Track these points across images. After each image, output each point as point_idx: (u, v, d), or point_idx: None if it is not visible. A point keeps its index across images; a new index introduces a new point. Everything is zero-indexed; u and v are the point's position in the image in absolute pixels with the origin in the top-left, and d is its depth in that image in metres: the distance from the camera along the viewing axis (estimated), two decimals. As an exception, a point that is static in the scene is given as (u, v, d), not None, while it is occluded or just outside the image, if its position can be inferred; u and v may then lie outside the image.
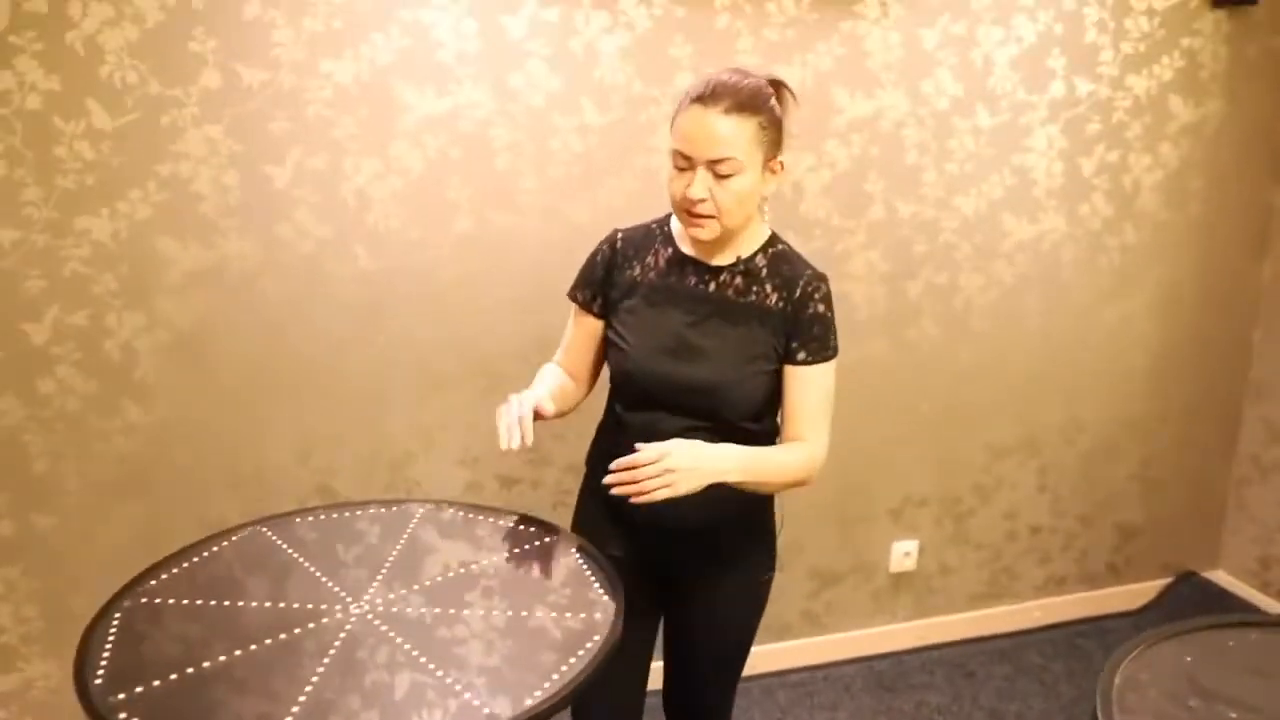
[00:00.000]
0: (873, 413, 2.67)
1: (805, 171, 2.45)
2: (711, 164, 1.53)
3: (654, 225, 1.76)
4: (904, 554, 2.82)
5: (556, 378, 1.76)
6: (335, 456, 2.32)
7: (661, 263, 1.70)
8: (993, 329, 2.73)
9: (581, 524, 1.83)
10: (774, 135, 1.59)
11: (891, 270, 2.59)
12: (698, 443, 1.54)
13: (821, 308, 1.65)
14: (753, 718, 2.55)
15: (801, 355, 1.63)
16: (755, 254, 1.68)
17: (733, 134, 1.53)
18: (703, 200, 1.55)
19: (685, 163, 1.56)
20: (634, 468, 1.47)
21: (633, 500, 1.46)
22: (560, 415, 1.70)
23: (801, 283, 1.64)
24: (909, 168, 2.53)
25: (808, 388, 1.65)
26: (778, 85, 1.63)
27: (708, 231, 1.58)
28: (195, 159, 2.08)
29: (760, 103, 1.56)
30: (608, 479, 1.48)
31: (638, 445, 1.50)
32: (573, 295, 1.78)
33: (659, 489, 1.46)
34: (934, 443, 2.76)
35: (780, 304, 1.63)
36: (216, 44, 2.04)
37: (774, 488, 1.69)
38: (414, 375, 2.33)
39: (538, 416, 1.60)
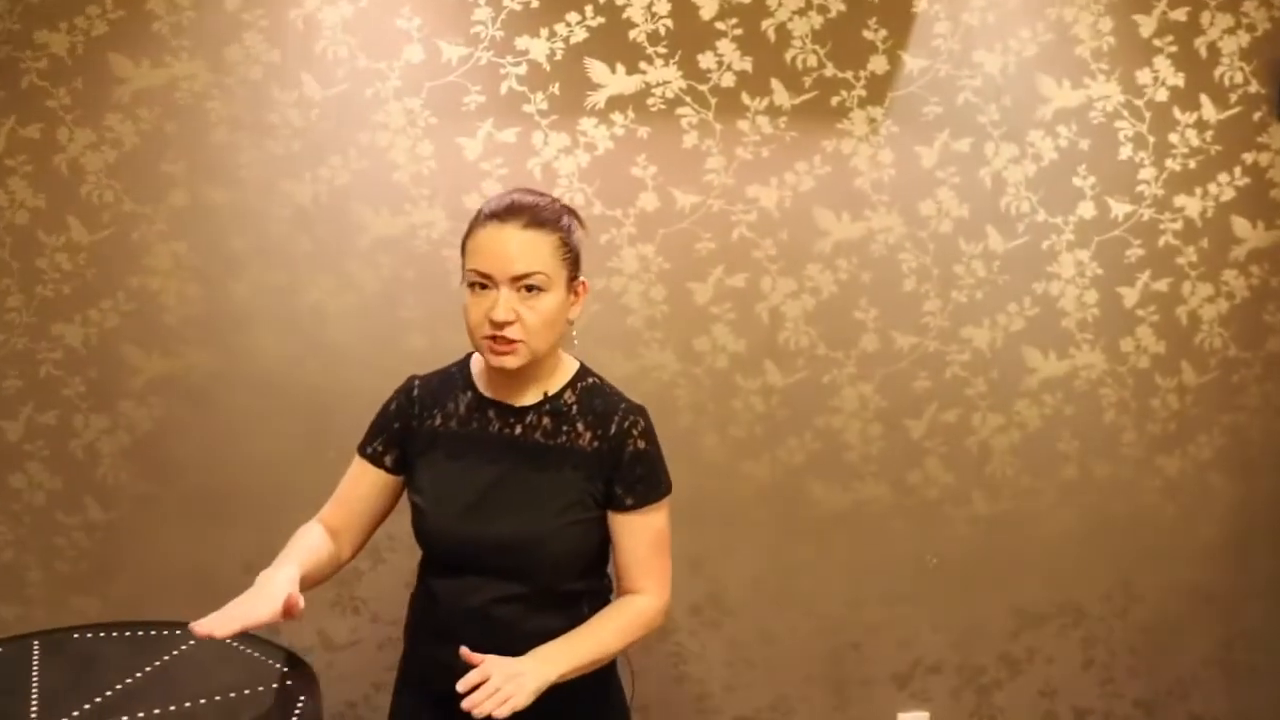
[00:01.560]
0: (870, 564, 2.45)
1: (784, 298, 2.34)
2: (516, 281, 1.46)
3: (453, 369, 1.66)
4: (910, 727, 2.53)
5: (310, 549, 1.55)
6: (286, 568, 2.36)
7: (462, 409, 1.59)
8: (1017, 475, 2.46)
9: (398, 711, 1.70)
10: (573, 255, 1.54)
11: (890, 406, 2.40)
12: (507, 659, 1.38)
13: (643, 444, 1.54)
14: None
15: (629, 501, 1.52)
16: (564, 390, 1.57)
17: (536, 246, 1.48)
18: (510, 322, 1.45)
19: (486, 282, 1.48)
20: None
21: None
22: (313, 585, 1.52)
23: (616, 419, 1.53)
24: (906, 295, 2.37)
25: (639, 535, 1.53)
26: (570, 211, 1.59)
27: (515, 359, 1.47)
28: (162, 273, 2.23)
29: (557, 219, 1.52)
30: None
31: (461, 650, 1.37)
32: (361, 449, 1.65)
33: (502, 704, 1.30)
34: (947, 602, 2.49)
35: (595, 444, 1.53)
36: (186, 166, 2.21)
37: (616, 654, 1.55)
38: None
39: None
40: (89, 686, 1.22)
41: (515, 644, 1.43)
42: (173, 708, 1.20)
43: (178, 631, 1.41)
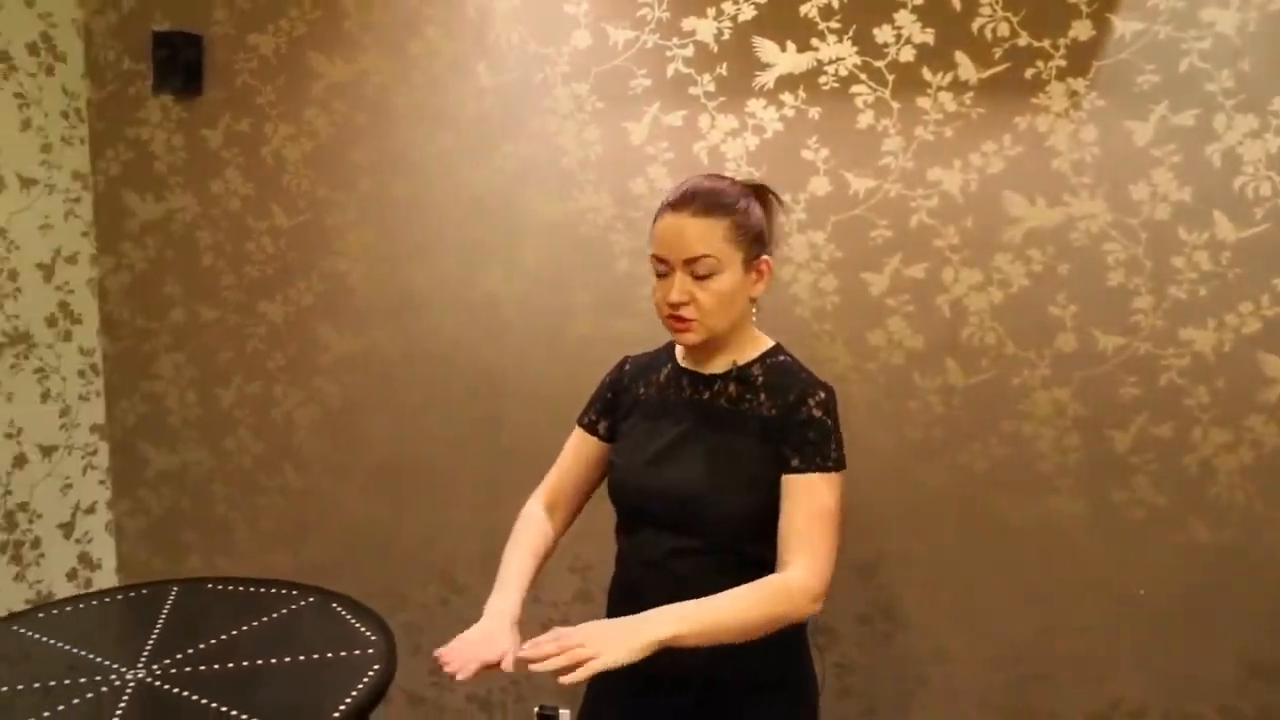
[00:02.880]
0: (1061, 588, 2.22)
1: (968, 290, 2.16)
2: (688, 264, 1.54)
3: (662, 349, 1.77)
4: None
5: (534, 553, 1.69)
6: (457, 546, 2.48)
7: (662, 378, 1.70)
8: (1249, 502, 2.14)
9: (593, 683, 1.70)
10: (752, 235, 1.57)
11: (1090, 415, 2.16)
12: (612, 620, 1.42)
13: (818, 413, 1.54)
14: None
15: (795, 462, 1.51)
16: (752, 363, 1.62)
17: (706, 232, 1.53)
18: (684, 303, 1.54)
19: (664, 267, 1.57)
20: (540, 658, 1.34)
21: (562, 680, 1.33)
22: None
23: (798, 389, 1.57)
24: (1112, 290, 2.12)
25: (800, 501, 1.49)
26: (760, 190, 1.64)
27: (693, 335, 1.57)
28: (350, 257, 2.40)
29: (730, 203, 1.56)
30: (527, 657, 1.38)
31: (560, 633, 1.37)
32: (580, 419, 1.79)
33: (578, 663, 1.31)
34: (1154, 639, 2.21)
35: (773, 410, 1.56)
36: (374, 157, 2.36)
37: (739, 633, 1.46)
38: (531, 472, 2.41)
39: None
40: (200, 633, 1.34)
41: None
42: (260, 661, 1.29)
43: (293, 592, 1.52)
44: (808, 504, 1.51)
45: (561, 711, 2.48)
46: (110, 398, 2.59)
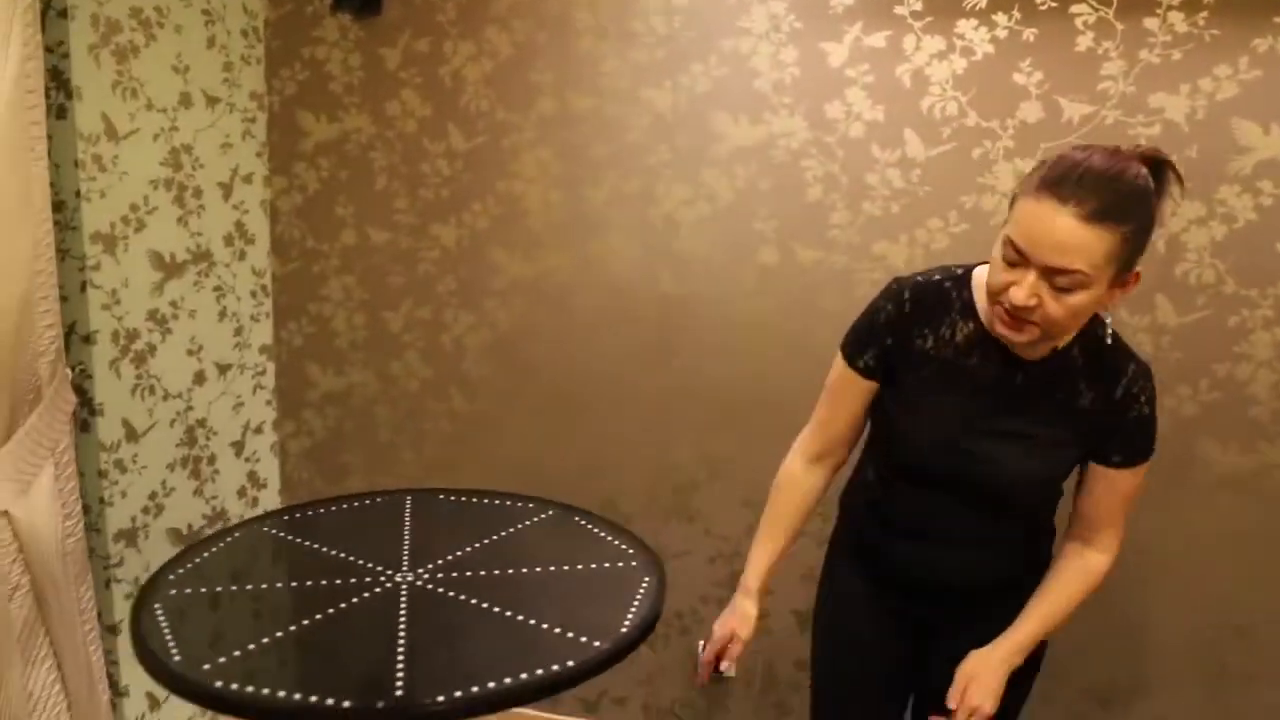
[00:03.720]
0: (1273, 539, 2.12)
1: (1188, 224, 2.05)
2: (1049, 271, 1.31)
3: (948, 285, 1.54)
4: (1304, 735, 2.19)
5: (790, 532, 1.68)
6: (623, 473, 2.45)
7: (960, 338, 1.51)
8: None
9: (832, 584, 1.78)
10: (1140, 243, 1.33)
11: (1313, 357, 2.04)
12: (984, 657, 1.53)
13: (1147, 410, 1.47)
14: None
15: (1116, 459, 1.48)
16: (1072, 344, 1.48)
17: (1087, 245, 1.28)
18: (1029, 308, 1.34)
19: (1018, 258, 1.33)
20: None
21: None
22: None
23: (1124, 382, 1.46)
24: (1347, 225, 1.99)
25: (1115, 489, 1.50)
26: (1161, 167, 1.36)
27: (1024, 338, 1.38)
28: (526, 179, 2.37)
29: (1134, 207, 1.30)
30: None
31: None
32: (851, 359, 1.59)
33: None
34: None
35: (1096, 404, 1.46)
36: (554, 76, 2.31)
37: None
38: (703, 404, 2.38)
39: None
40: (451, 541, 1.34)
41: (964, 547, 1.57)
42: (524, 570, 1.27)
43: (530, 505, 1.51)
44: (1120, 490, 1.52)
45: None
46: (278, 319, 2.61)
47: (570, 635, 1.13)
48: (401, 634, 1.07)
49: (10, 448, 1.81)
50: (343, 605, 1.15)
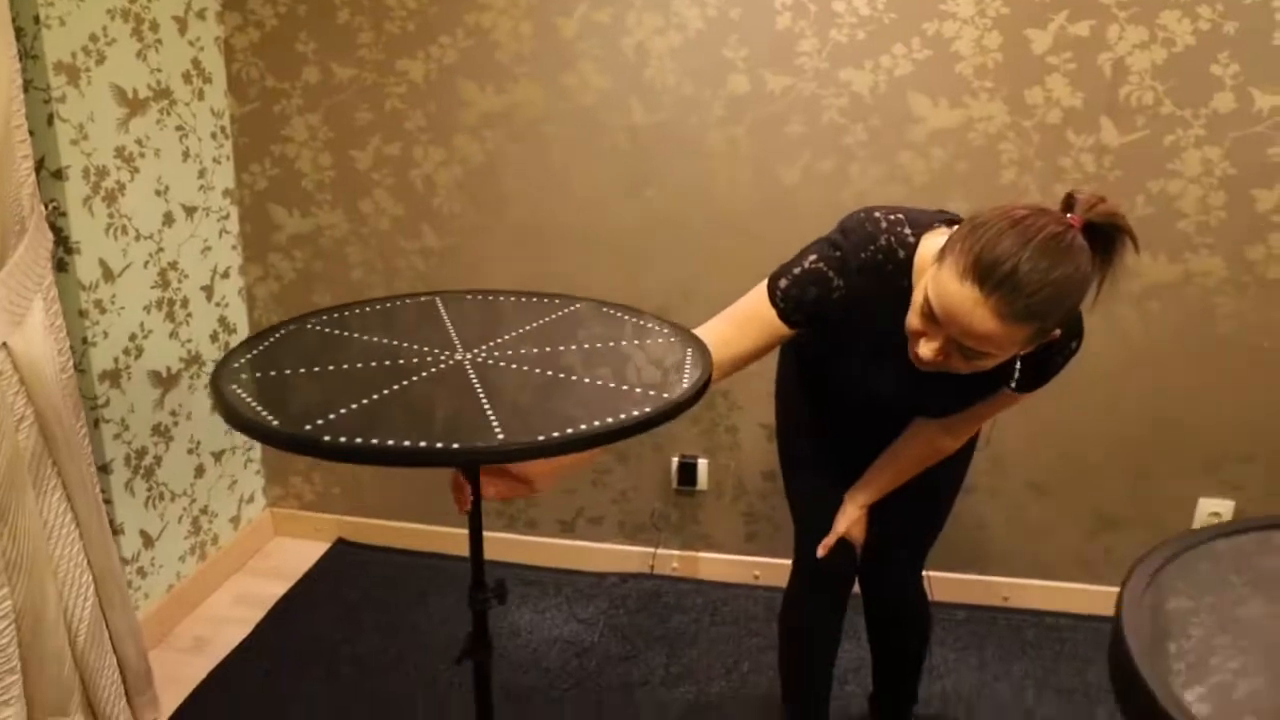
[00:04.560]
0: (1195, 345, 2.35)
1: (1130, 49, 2.18)
2: (962, 343, 1.29)
3: (890, 269, 1.44)
4: (1210, 514, 2.47)
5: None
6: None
7: (895, 322, 1.41)
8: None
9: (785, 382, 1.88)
10: (1064, 322, 1.31)
11: (1239, 175, 2.23)
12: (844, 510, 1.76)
13: (1060, 361, 1.49)
14: (984, 650, 2.43)
15: (1014, 384, 1.51)
16: None
17: (1005, 337, 1.25)
18: (935, 363, 1.34)
19: (932, 322, 1.30)
20: None
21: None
22: None
23: (1057, 346, 1.44)
24: (1276, 49, 2.15)
25: (995, 402, 1.58)
26: (1111, 234, 1.28)
27: (933, 370, 1.37)
28: (496, 10, 2.35)
29: (1061, 305, 1.24)
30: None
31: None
32: (783, 314, 1.50)
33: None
34: (1276, 390, 2.37)
35: (1026, 358, 1.46)
36: (522, -100, 2.28)
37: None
38: (674, 231, 2.46)
39: None
40: (497, 328, 1.41)
41: (902, 423, 1.72)
42: (574, 346, 1.36)
43: (556, 300, 1.58)
44: (1001, 403, 1.59)
45: (700, 461, 2.62)
46: (239, 161, 2.57)
47: (639, 390, 1.20)
48: (482, 395, 1.14)
49: (2, 278, 1.80)
50: (415, 378, 1.20)
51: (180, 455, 2.49)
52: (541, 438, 1.02)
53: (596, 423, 1.05)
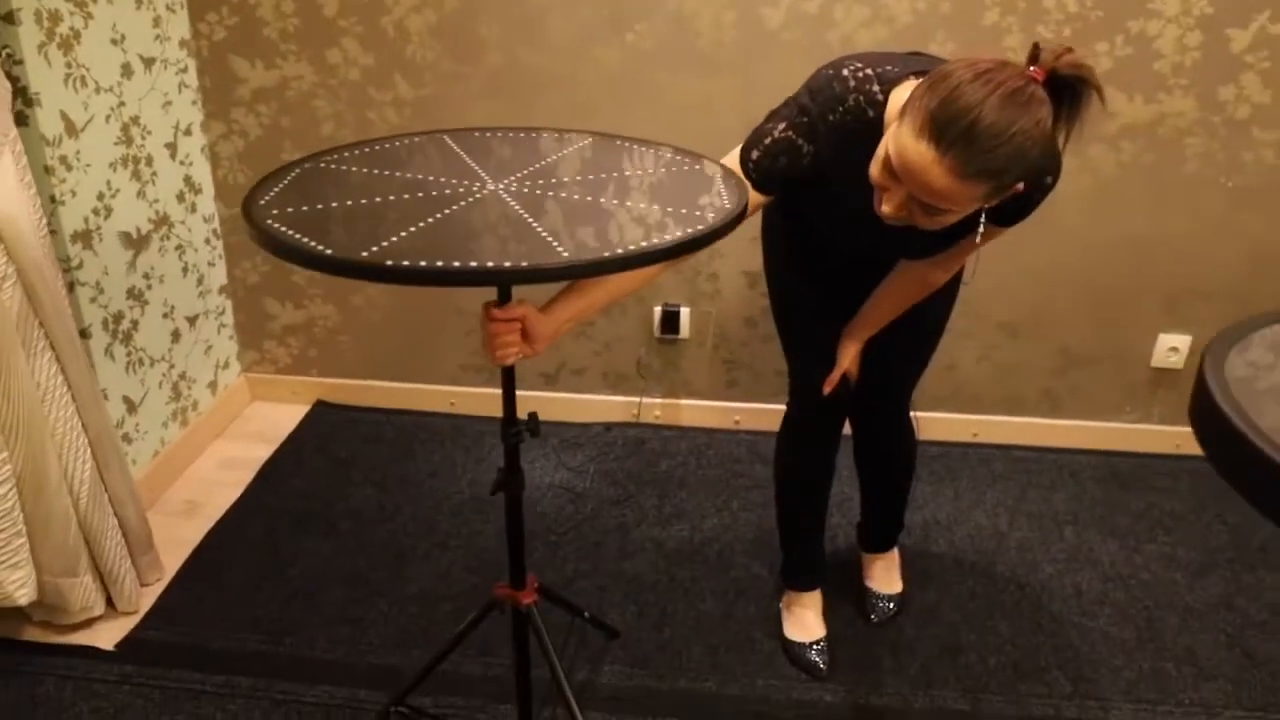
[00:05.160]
0: (1162, 185, 2.42)
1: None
2: (922, 200, 1.30)
3: (858, 129, 1.42)
4: (1170, 349, 2.59)
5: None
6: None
7: (865, 158, 1.39)
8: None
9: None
10: (1025, 178, 1.29)
11: (1215, 15, 2.25)
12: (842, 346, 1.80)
13: (1038, 198, 1.48)
14: (959, 481, 2.56)
15: (994, 218, 1.48)
16: None
17: (962, 194, 1.26)
18: (897, 218, 1.36)
19: (891, 180, 1.31)
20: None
21: None
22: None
23: (1033, 184, 1.42)
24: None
25: (979, 237, 1.52)
26: (1074, 85, 1.24)
27: (892, 221, 1.38)
28: None
29: (1020, 163, 1.23)
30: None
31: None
32: (757, 184, 1.50)
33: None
34: (1236, 228, 2.46)
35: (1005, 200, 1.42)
36: None
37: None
38: (655, 76, 2.41)
39: None
40: (518, 162, 1.38)
41: (888, 266, 1.73)
42: (603, 175, 1.34)
43: (570, 134, 1.56)
44: (986, 236, 1.50)
45: (682, 309, 2.64)
46: (194, 10, 2.42)
47: (684, 211, 1.20)
48: (531, 220, 1.13)
49: (-32, 130, 1.70)
50: (454, 208, 1.17)
51: (156, 320, 2.43)
52: (607, 254, 1.02)
53: (656, 239, 1.05)
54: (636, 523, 2.39)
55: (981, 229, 1.45)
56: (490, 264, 1.00)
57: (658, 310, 2.64)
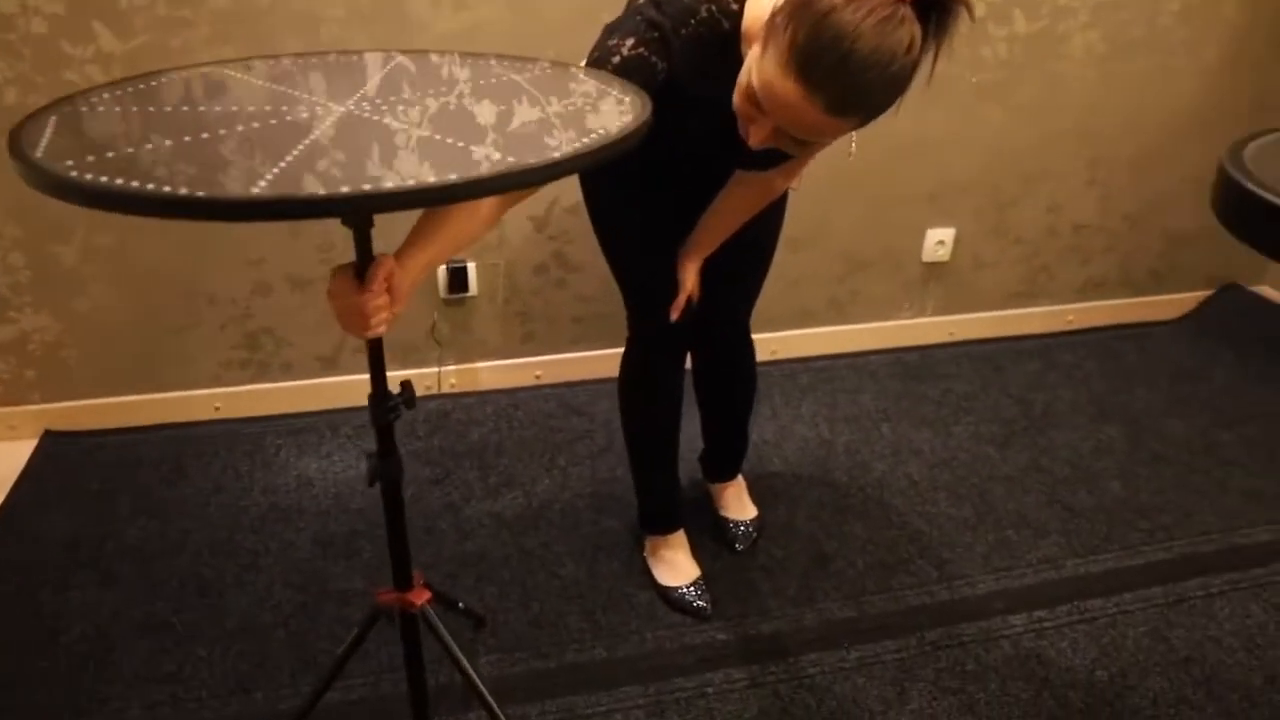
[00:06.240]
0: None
1: None
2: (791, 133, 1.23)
3: (713, 51, 1.35)
4: (938, 242, 2.73)
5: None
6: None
7: (720, 91, 1.31)
8: (1057, 9, 2.51)
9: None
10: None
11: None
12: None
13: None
14: (773, 399, 2.56)
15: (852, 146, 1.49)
16: None
17: (832, 128, 1.19)
18: (763, 145, 1.27)
19: (757, 111, 1.22)
20: None
21: None
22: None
23: None
24: None
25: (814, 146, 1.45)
26: (947, 5, 1.13)
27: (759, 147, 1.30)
28: None
29: (892, 93, 1.15)
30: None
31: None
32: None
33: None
34: (980, 121, 2.61)
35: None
36: None
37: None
38: (402, 2, 2.17)
39: None
40: (344, 85, 1.12)
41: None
42: (455, 92, 1.12)
43: (378, 54, 1.30)
44: (825, 145, 1.40)
45: (469, 264, 2.42)
46: None
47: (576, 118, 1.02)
48: (412, 140, 0.89)
49: None
50: (316, 134, 0.91)
51: None
52: (534, 160, 0.83)
53: (568, 148, 0.88)
54: (465, 499, 2.18)
55: (853, 149, 1.39)
56: (411, 182, 0.78)
57: (442, 269, 2.40)
